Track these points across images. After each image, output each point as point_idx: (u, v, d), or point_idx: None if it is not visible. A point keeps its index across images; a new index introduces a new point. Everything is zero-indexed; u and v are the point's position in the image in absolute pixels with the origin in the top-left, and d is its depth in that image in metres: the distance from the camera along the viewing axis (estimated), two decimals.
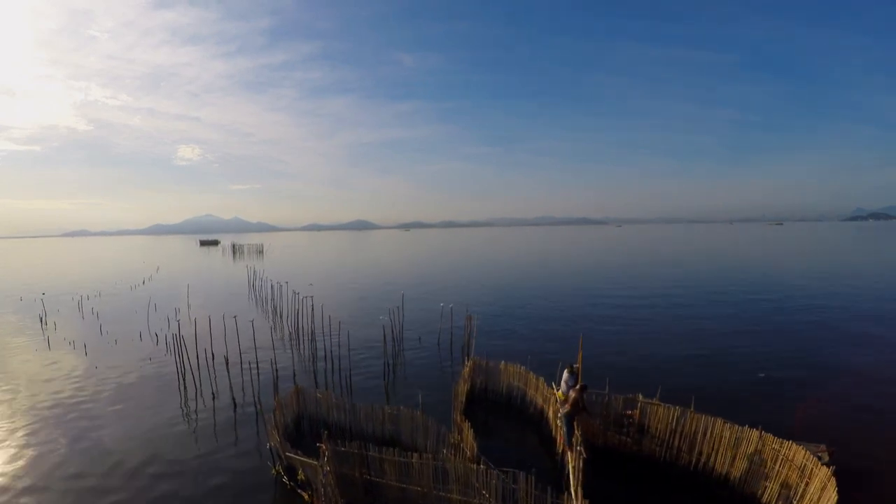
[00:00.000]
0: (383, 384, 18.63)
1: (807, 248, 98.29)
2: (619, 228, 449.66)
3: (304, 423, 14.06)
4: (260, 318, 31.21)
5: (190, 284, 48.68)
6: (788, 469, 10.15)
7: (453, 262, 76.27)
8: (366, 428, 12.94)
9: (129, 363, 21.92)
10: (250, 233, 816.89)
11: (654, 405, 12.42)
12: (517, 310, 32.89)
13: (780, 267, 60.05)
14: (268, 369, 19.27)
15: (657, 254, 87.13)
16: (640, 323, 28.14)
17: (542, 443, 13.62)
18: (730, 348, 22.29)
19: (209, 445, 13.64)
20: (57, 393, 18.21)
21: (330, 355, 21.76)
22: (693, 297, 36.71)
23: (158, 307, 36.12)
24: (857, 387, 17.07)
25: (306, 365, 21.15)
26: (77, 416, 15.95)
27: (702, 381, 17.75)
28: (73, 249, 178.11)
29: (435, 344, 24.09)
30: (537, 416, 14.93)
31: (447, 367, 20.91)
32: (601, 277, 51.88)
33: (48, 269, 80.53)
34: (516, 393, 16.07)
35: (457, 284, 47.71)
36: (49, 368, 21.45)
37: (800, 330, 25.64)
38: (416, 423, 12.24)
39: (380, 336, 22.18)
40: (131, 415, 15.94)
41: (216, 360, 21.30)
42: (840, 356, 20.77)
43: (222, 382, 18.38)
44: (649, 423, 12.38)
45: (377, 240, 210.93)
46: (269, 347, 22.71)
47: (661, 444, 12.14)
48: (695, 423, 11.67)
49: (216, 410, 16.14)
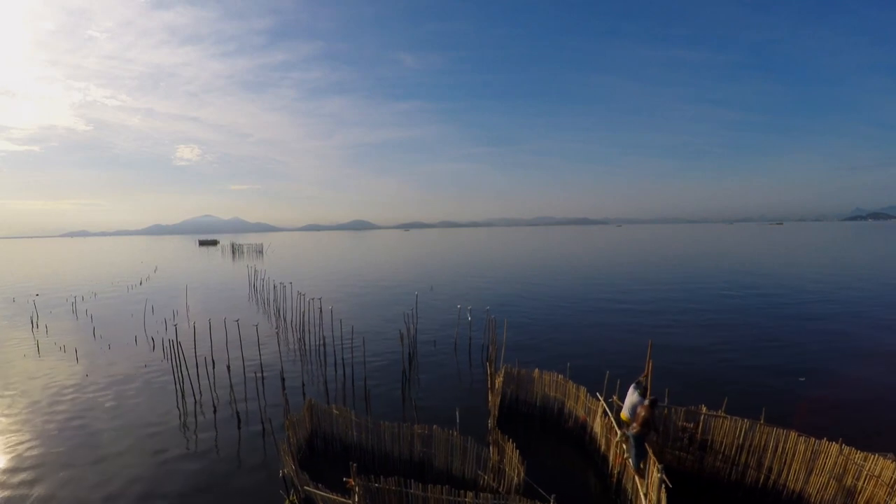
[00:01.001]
0: (400, 394, 17.00)
1: (821, 247, 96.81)
2: (619, 228, 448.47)
3: (318, 441, 12.46)
4: (263, 321, 29.59)
5: (189, 285, 47.07)
6: (874, 486, 8.98)
7: (459, 263, 74.67)
8: (391, 450, 11.32)
9: (123, 370, 20.25)
10: (249, 233, 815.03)
11: (720, 418, 11.13)
12: (536, 311, 31.13)
13: (805, 267, 58.49)
14: (273, 377, 17.67)
15: (670, 253, 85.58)
16: (672, 325, 26.55)
17: (587, 461, 12.18)
18: (769, 349, 20.75)
19: (211, 470, 11.99)
20: (42, 405, 16.56)
21: (340, 362, 20.19)
22: (723, 296, 35.18)
23: (156, 309, 34.48)
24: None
25: (314, 372, 19.52)
26: (62, 434, 14.31)
27: (754, 387, 16.21)
28: (71, 250, 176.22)
29: (451, 348, 22.49)
30: (578, 431, 13.42)
31: (465, 372, 19.33)
32: (622, 276, 50.20)
33: (45, 270, 78.76)
34: (552, 404, 14.53)
35: (467, 284, 46.02)
36: (36, 377, 19.78)
37: (837, 332, 24.09)
38: (452, 444, 10.62)
39: (392, 340, 20.69)
40: (124, 433, 14.27)
41: (217, 367, 19.71)
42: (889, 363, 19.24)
43: (223, 393, 16.75)
44: (713, 437, 11.12)
45: (377, 240, 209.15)
46: (273, 352, 21.11)
47: (726, 460, 10.90)
48: (764, 437, 10.47)
49: (218, 426, 14.48)
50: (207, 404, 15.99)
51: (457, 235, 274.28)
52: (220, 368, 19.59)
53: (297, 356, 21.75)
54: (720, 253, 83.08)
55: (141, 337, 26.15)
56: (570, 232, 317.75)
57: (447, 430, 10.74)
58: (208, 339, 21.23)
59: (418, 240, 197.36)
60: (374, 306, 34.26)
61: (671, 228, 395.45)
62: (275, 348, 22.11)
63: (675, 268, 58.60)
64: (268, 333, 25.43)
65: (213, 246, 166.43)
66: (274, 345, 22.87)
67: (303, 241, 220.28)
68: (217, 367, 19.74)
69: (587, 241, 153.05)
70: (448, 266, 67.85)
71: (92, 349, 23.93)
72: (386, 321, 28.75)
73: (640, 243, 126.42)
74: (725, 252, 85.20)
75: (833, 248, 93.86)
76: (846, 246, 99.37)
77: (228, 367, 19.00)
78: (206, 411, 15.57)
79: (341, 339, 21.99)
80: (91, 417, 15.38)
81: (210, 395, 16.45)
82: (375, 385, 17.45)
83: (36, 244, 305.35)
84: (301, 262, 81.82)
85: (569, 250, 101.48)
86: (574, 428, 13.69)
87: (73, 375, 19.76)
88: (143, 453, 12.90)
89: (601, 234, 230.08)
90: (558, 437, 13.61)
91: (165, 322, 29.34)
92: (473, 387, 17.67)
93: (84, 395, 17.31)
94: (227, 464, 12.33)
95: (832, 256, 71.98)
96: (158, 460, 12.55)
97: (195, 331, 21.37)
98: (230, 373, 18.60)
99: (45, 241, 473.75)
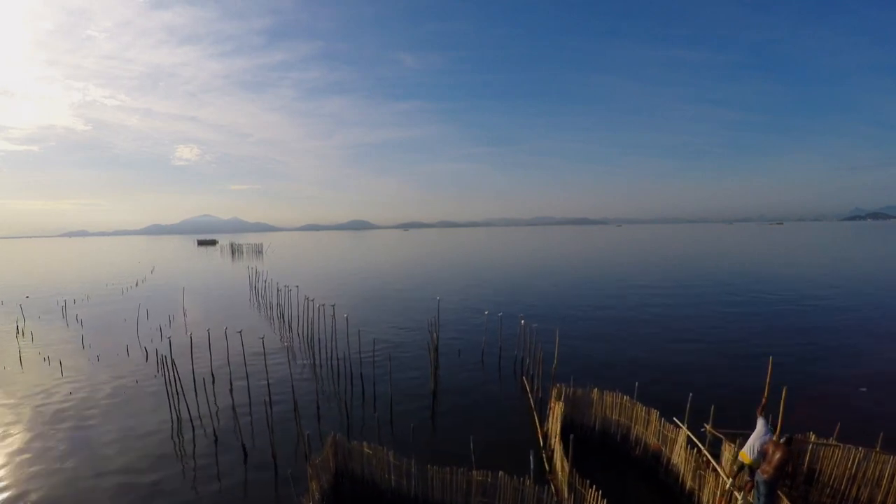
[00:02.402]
0: (429, 419, 14.75)
1: (835, 248, 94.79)
2: (619, 228, 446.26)
3: (345, 483, 10.19)
4: (267, 330, 27.30)
5: (186, 288, 44.73)
6: None
7: (465, 263, 72.33)
8: (441, 499, 9.05)
9: (112, 387, 17.92)
10: (248, 233, 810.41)
11: (830, 446, 9.62)
12: (567, 318, 28.36)
13: (831, 268, 56.36)
14: (284, 400, 15.34)
15: (682, 252, 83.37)
16: (728, 332, 24.32)
17: (666, 499, 10.19)
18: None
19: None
20: (14, 437, 14.25)
21: (357, 377, 17.90)
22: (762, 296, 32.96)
23: (151, 314, 32.15)
24: None
25: (327, 391, 17.19)
26: (35, 476, 12.01)
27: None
28: (68, 250, 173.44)
29: (478, 360, 20.24)
30: (650, 462, 11.41)
31: (499, 388, 17.06)
32: (655, 276, 47.85)
33: (39, 271, 76.24)
34: (616, 430, 12.39)
35: (480, 285, 43.67)
36: (11, 396, 17.46)
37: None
38: (523, 496, 8.38)
39: (411, 350, 18.45)
40: (110, 477, 12.00)
41: (217, 384, 17.45)
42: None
43: (226, 418, 14.50)
44: (821, 468, 9.62)
45: (377, 240, 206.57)
46: (281, 366, 18.87)
47: (835, 494, 9.51)
48: (880, 467, 9.15)
49: (220, 464, 12.10)
50: (208, 434, 13.66)
51: (457, 235, 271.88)
52: (220, 386, 17.33)
53: (307, 372, 19.42)
54: (773, 254, 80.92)
55: (134, 346, 23.82)
56: (572, 231, 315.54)
57: (516, 478, 8.50)
58: (207, 352, 19.00)
59: (419, 239, 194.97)
60: (387, 312, 31.92)
61: (671, 228, 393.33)
62: (281, 361, 19.90)
63: (693, 265, 56.35)
64: (274, 345, 23.20)
65: (212, 246, 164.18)
66: (281, 358, 20.66)
67: (302, 241, 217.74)
68: (217, 385, 17.49)
69: (597, 240, 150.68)
70: (460, 266, 65.53)
71: (79, 362, 21.57)
72: (401, 329, 26.48)
73: (650, 242, 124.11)
74: (768, 253, 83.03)
75: (861, 248, 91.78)
76: (874, 245, 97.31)
77: (231, 391, 16.69)
78: (207, 443, 13.23)
79: (359, 351, 19.64)
80: (70, 454, 13.02)
81: (211, 423, 14.15)
82: (401, 407, 15.16)
83: (34, 244, 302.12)
84: (302, 263, 79.46)
85: (583, 249, 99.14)
86: (643, 457, 11.65)
87: (55, 394, 17.39)
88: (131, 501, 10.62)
89: (608, 234, 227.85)
90: (623, 467, 11.53)
91: (160, 329, 27.03)
92: (512, 405, 15.45)
93: (64, 425, 14.89)
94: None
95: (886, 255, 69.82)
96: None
97: (192, 341, 19.07)
98: (233, 397, 16.28)
99: (43, 241, 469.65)
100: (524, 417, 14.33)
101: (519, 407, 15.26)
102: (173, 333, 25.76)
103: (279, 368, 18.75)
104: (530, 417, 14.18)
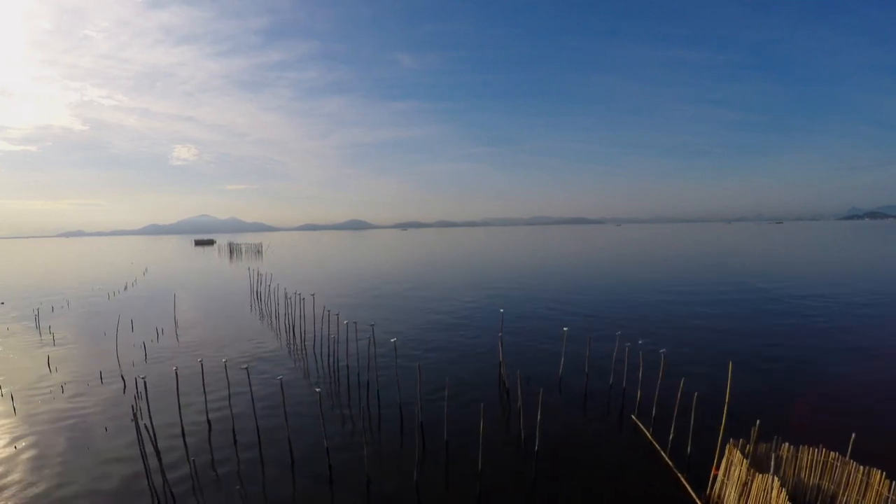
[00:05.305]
0: (529, 484, 10.17)
1: (846, 247, 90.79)
2: (618, 228, 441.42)
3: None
4: (274, 344, 22.72)
5: (181, 291, 40.04)
6: None
7: (469, 263, 67.74)
8: None
9: (68, 441, 13.28)
10: (246, 233, 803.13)
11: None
12: (664, 329, 22.78)
13: (851, 266, 52.09)
14: (308, 458, 10.74)
15: (697, 251, 79.09)
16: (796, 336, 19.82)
17: None
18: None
19: None
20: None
21: (397, 407, 13.31)
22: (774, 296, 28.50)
23: (136, 325, 27.39)
24: None
25: (359, 429, 12.52)
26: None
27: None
28: (62, 250, 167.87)
29: (555, 388, 15.62)
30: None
31: (591, 429, 12.48)
32: (701, 280, 43.36)
33: (21, 272, 71.21)
34: (814, 497, 8.18)
35: (492, 285, 39.03)
36: None
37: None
38: None
39: (472, 382, 13.89)
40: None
41: (215, 427, 12.82)
42: None
43: (230, 484, 9.91)
44: None
45: (377, 240, 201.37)
46: (299, 403, 14.31)
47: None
48: None
49: None
50: None
51: (457, 235, 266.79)
52: (219, 429, 12.74)
53: (334, 409, 14.81)
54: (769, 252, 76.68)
55: (110, 368, 19.19)
56: (573, 231, 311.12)
57: None
58: (199, 385, 14.37)
59: (419, 240, 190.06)
60: (406, 319, 27.34)
61: (669, 227, 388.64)
62: (298, 395, 15.32)
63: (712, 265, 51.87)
64: (296, 379, 18.64)
65: (210, 246, 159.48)
66: (299, 390, 16.07)
67: (301, 241, 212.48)
68: (216, 428, 12.89)
69: (598, 241, 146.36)
70: (457, 267, 60.89)
71: (38, 392, 16.86)
72: (424, 342, 21.91)
73: (657, 242, 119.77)
74: (770, 252, 78.82)
75: (870, 247, 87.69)
76: (881, 244, 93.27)
77: (235, 439, 12.10)
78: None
79: (388, 372, 15.02)
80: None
81: (212, 489, 9.58)
82: (453, 439, 10.55)
83: (27, 244, 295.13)
84: (304, 264, 74.76)
85: (597, 251, 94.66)
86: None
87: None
88: None
89: (605, 234, 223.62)
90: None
91: (145, 347, 22.34)
92: (628, 458, 10.92)
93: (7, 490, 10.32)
94: None
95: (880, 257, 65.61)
96: None
97: (178, 377, 14.51)
98: (237, 445, 11.70)
99: (38, 241, 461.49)
100: (651, 474, 9.89)
101: (637, 461, 10.76)
102: (160, 354, 21.24)
103: (298, 405, 14.15)
104: (663, 473, 9.73)
